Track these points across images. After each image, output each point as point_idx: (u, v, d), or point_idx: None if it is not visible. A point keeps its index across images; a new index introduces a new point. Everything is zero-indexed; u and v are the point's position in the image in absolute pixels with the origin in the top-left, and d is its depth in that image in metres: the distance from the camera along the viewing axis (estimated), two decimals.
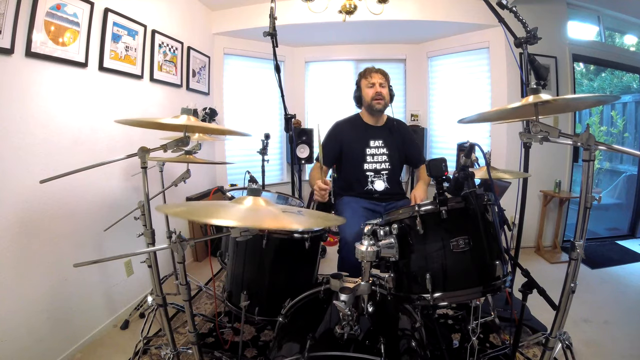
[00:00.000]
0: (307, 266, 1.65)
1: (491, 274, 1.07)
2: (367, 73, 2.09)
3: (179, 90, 2.92)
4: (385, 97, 2.05)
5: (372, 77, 2.06)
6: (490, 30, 3.32)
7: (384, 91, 2.06)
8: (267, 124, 4.03)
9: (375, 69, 2.09)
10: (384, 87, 2.06)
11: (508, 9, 1.60)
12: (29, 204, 1.62)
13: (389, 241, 1.12)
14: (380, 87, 2.05)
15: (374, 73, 2.07)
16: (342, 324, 1.02)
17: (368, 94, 2.07)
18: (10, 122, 1.53)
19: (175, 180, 1.87)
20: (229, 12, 3.47)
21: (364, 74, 2.11)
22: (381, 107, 2.07)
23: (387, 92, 2.08)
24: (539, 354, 1.73)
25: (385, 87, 2.07)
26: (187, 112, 1.33)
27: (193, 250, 3.14)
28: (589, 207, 1.00)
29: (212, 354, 1.74)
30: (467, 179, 1.07)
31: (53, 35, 1.70)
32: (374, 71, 2.08)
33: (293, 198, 2.33)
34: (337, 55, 4.19)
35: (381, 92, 2.04)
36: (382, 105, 2.06)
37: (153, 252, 1.33)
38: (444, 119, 4.01)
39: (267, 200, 1.02)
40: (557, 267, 3.00)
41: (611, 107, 4.61)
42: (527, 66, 1.61)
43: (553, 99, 1.05)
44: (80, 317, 1.89)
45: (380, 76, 2.07)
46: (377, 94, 2.04)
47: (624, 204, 4.22)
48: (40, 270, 1.67)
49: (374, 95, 2.04)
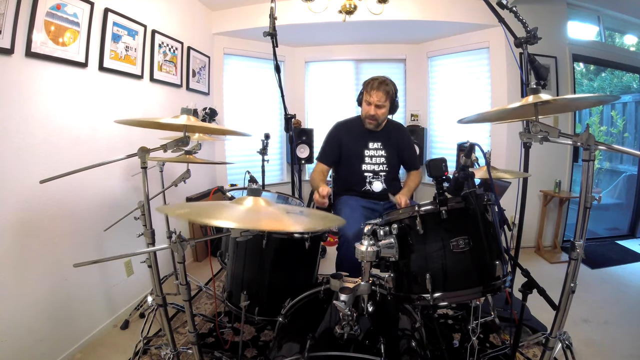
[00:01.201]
0: (307, 266, 1.65)
1: (491, 274, 1.07)
2: (370, 88, 1.97)
3: (179, 90, 2.92)
4: (378, 119, 2.01)
5: (372, 95, 1.96)
6: (490, 30, 3.32)
7: (379, 112, 1.98)
8: (267, 124, 4.03)
9: (377, 85, 1.96)
10: (381, 107, 1.98)
11: (508, 9, 1.59)
12: (29, 204, 1.62)
13: (389, 241, 1.12)
14: (377, 108, 1.97)
15: (374, 91, 1.95)
16: (342, 324, 1.02)
17: (364, 109, 2.04)
18: (10, 122, 1.53)
19: (175, 180, 1.87)
20: (229, 12, 3.47)
21: (367, 85, 2.00)
22: (372, 127, 2.05)
23: (385, 111, 2.01)
24: (539, 354, 1.73)
25: (384, 107, 1.98)
26: (187, 112, 1.33)
27: (193, 250, 3.14)
28: (589, 207, 1.00)
29: (212, 354, 1.74)
30: (467, 179, 1.07)
31: (53, 35, 1.70)
32: (375, 88, 1.95)
33: (293, 198, 2.33)
34: (337, 55, 4.19)
35: (375, 114, 1.98)
36: (374, 125, 2.04)
37: (153, 252, 1.33)
38: (444, 119, 4.01)
39: (268, 201, 1.02)
40: (557, 267, 3.00)
41: (611, 107, 4.61)
42: (527, 66, 1.61)
43: (553, 99, 1.05)
44: (80, 317, 1.89)
45: (381, 95, 1.95)
46: (370, 116, 2.00)
47: (624, 204, 4.22)
48: (40, 271, 1.67)
49: (368, 115, 2.02)
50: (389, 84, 1.99)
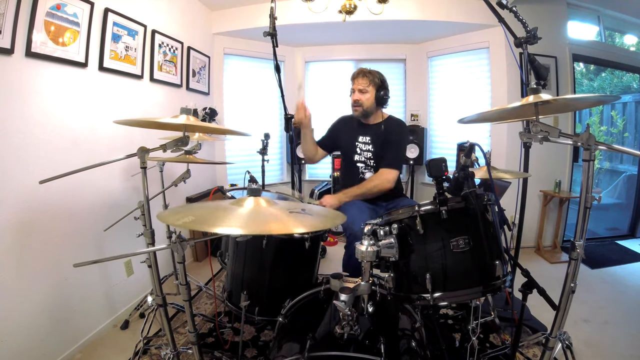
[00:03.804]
0: (307, 266, 1.65)
1: (491, 274, 1.07)
2: (353, 77, 2.05)
3: (179, 90, 2.92)
4: (363, 104, 2.01)
5: (354, 82, 2.01)
6: (490, 30, 3.32)
7: (362, 98, 1.99)
8: (267, 124, 4.03)
9: (359, 72, 2.01)
10: (364, 92, 1.99)
11: (508, 9, 1.60)
12: (29, 204, 1.62)
13: (389, 241, 1.12)
14: (360, 93, 1.99)
15: (355, 79, 2.01)
16: (342, 324, 1.02)
17: (351, 100, 2.06)
18: (10, 122, 1.53)
19: (175, 180, 1.87)
20: (229, 12, 3.47)
21: (352, 76, 2.06)
22: (358, 114, 2.06)
23: (369, 97, 1.99)
24: (539, 354, 1.73)
25: (367, 91, 1.99)
26: (186, 112, 1.33)
27: (193, 250, 3.14)
28: (589, 207, 1.00)
29: (212, 354, 1.74)
30: (467, 179, 1.07)
31: (53, 35, 1.70)
32: (356, 76, 2.01)
33: (293, 198, 2.33)
34: (337, 55, 4.19)
35: (359, 99, 1.99)
36: (360, 111, 2.04)
37: (153, 252, 1.33)
38: (444, 119, 4.01)
39: (269, 200, 1.01)
40: (557, 267, 3.00)
41: (611, 107, 4.61)
42: (527, 66, 1.61)
43: (553, 99, 1.05)
44: (80, 317, 1.89)
45: (362, 81, 1.98)
46: (354, 101, 2.02)
47: (624, 204, 4.22)
48: (40, 270, 1.67)
49: (353, 102, 2.04)
50: (373, 73, 2.03)
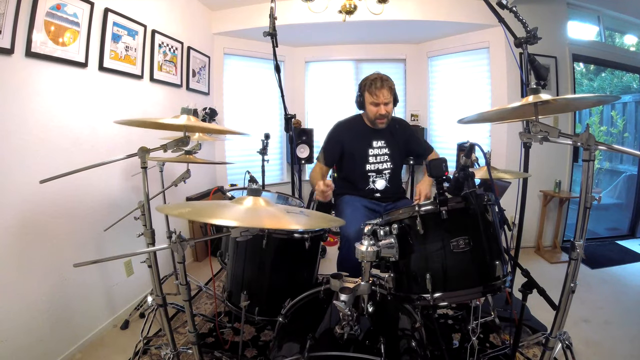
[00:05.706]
0: (307, 266, 1.65)
1: (491, 274, 1.07)
2: (373, 89, 1.92)
3: (179, 90, 2.92)
4: (389, 116, 1.99)
5: (378, 95, 1.91)
6: (490, 30, 3.32)
7: (389, 109, 1.97)
8: (267, 124, 4.03)
9: (381, 84, 1.92)
10: (388, 104, 1.96)
11: (508, 9, 1.60)
12: (29, 204, 1.62)
13: (389, 241, 1.12)
14: (385, 106, 1.95)
15: (379, 91, 1.91)
16: (342, 324, 1.02)
17: (372, 111, 1.97)
18: (10, 122, 1.53)
19: (175, 180, 1.87)
20: (229, 12, 3.47)
21: (370, 87, 1.93)
22: (384, 126, 2.02)
23: (391, 107, 1.99)
24: (539, 354, 1.73)
25: (390, 102, 1.97)
26: (187, 112, 1.33)
27: (193, 250, 3.14)
28: (589, 207, 1.00)
29: (212, 354, 1.74)
30: (467, 179, 1.07)
31: (53, 35, 1.70)
32: (379, 87, 1.91)
33: (293, 198, 2.33)
34: (337, 55, 4.19)
35: (386, 112, 1.96)
36: (385, 123, 2.01)
37: (153, 252, 1.33)
38: (444, 119, 4.01)
39: (268, 200, 1.01)
40: (557, 267, 3.00)
41: (611, 107, 4.61)
42: (527, 66, 1.60)
43: (553, 99, 1.05)
44: (80, 317, 1.89)
45: (387, 94, 1.92)
46: (381, 115, 1.95)
47: (624, 204, 4.22)
48: (40, 270, 1.67)
49: (378, 116, 1.96)
50: (389, 80, 1.98)
